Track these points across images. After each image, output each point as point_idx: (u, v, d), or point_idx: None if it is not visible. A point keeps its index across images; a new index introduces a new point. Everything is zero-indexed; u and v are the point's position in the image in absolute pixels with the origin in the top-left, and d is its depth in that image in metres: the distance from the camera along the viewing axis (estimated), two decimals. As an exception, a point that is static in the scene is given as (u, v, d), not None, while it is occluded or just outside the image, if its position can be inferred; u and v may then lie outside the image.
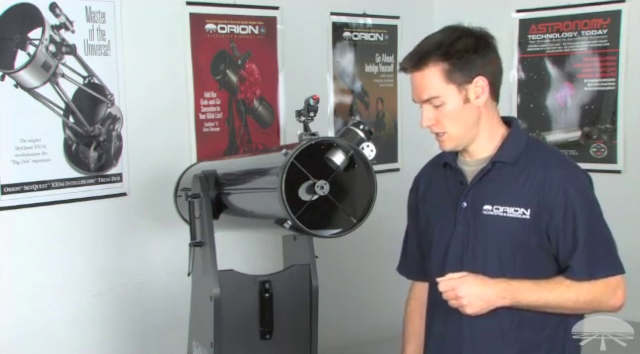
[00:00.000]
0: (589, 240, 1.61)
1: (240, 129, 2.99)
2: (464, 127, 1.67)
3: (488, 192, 1.68)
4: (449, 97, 1.64)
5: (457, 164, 1.75)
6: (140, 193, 2.71)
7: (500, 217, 1.65)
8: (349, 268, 3.30)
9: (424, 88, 1.66)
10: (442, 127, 1.67)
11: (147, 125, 2.72)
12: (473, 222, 1.68)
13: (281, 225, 1.69)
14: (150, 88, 2.73)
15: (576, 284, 1.61)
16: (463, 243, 1.69)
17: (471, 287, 1.60)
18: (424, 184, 1.86)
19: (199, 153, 2.84)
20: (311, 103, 1.77)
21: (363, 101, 3.45)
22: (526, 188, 1.64)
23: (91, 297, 2.63)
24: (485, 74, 1.65)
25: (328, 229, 1.70)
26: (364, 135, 1.70)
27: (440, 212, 1.76)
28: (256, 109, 3.04)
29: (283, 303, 1.96)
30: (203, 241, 1.97)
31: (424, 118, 1.68)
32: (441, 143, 1.71)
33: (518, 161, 1.67)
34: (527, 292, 1.60)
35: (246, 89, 3.00)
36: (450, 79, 1.63)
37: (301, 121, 1.79)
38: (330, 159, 1.68)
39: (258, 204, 1.90)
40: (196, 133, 2.86)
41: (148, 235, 2.76)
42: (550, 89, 3.37)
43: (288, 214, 1.63)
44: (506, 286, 1.61)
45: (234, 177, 2.09)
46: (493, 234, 1.65)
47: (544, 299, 1.60)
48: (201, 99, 2.87)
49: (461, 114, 1.66)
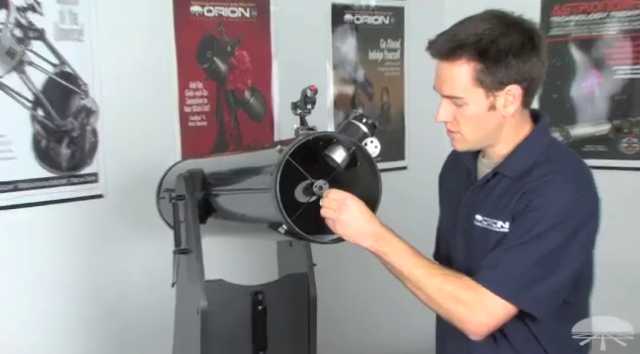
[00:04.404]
0: (513, 252, 1.61)
1: (230, 123, 3.01)
2: (481, 133, 1.69)
3: (482, 201, 1.73)
4: (473, 100, 1.64)
5: (472, 161, 1.79)
6: (118, 195, 2.73)
7: (485, 230, 1.70)
8: (351, 277, 3.33)
9: (448, 83, 1.66)
10: (457, 127, 1.69)
11: (125, 119, 2.74)
12: (467, 228, 1.75)
13: (275, 230, 1.71)
14: (129, 78, 2.74)
15: (450, 274, 1.65)
16: (457, 245, 1.78)
17: (352, 216, 1.64)
18: (445, 174, 1.95)
19: (184, 150, 2.86)
20: (308, 94, 1.78)
21: (366, 92, 3.48)
22: (514, 203, 1.66)
23: (63, 311, 2.64)
24: (521, 82, 1.64)
25: (327, 234, 1.72)
26: (367, 129, 1.72)
27: (450, 207, 1.84)
28: (247, 101, 3.06)
29: (278, 316, 1.98)
30: (189, 248, 1.98)
31: (441, 113, 1.70)
32: (453, 141, 1.74)
33: (523, 176, 1.66)
34: (398, 254, 1.65)
35: (236, 79, 3.02)
36: (480, 82, 1.63)
37: (297, 114, 1.81)
38: (330, 156, 1.70)
39: (250, 206, 1.91)
40: (181, 128, 2.87)
41: (127, 241, 2.77)
42: (575, 77, 3.38)
43: (283, 217, 1.64)
44: (384, 234, 1.66)
45: (223, 177, 2.11)
46: (478, 245, 1.71)
47: (409, 269, 1.64)
48: (186, 90, 2.89)
49: (482, 120, 1.67)
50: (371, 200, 1.70)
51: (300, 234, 1.67)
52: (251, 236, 2.36)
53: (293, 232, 1.67)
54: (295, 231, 1.66)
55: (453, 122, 1.69)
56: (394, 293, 1.97)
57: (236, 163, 2.15)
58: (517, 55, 1.61)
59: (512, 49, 1.61)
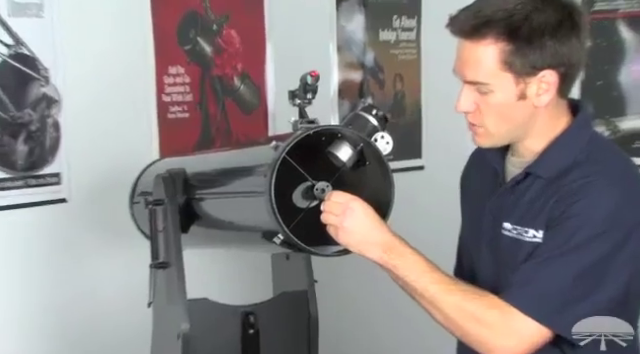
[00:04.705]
0: (548, 266, 1.63)
1: (216, 115, 3.04)
2: (508, 127, 1.72)
3: (511, 207, 1.75)
4: (500, 87, 1.66)
5: (499, 159, 1.82)
6: (85, 199, 2.74)
7: (515, 240, 1.72)
8: (358, 295, 3.35)
9: (472, 66, 1.67)
10: (480, 119, 1.71)
11: (93, 110, 2.75)
12: (493, 238, 1.78)
13: (270, 240, 1.73)
14: (97, 61, 2.76)
15: (471, 291, 1.67)
16: (482, 257, 1.81)
17: (357, 222, 1.68)
18: (468, 175, 1.98)
19: (162, 146, 2.88)
20: (309, 81, 1.81)
21: (376, 78, 3.51)
22: (548, 208, 1.68)
23: (22, 335, 2.63)
24: (558, 67, 1.65)
25: (330, 245, 1.75)
26: (377, 123, 1.75)
27: (474, 214, 1.87)
28: (237, 89, 3.09)
29: (272, 341, 2.01)
30: (168, 261, 2.01)
31: (461, 102, 1.72)
32: (475, 136, 1.76)
33: (560, 178, 1.68)
34: (411, 267, 1.68)
35: (223, 63, 3.04)
36: (508, 66, 1.64)
37: (296, 105, 1.84)
38: (333, 154, 1.74)
39: (240, 213, 1.94)
40: (158, 120, 2.90)
41: (96, 254, 2.79)
42: (624, 61, 3.39)
43: (279, 225, 1.67)
44: (394, 244, 1.69)
45: (209, 178, 2.14)
46: (507, 258, 1.73)
47: (424, 285, 1.66)
48: (164, 76, 2.91)
49: (509, 111, 1.69)
50: (381, 205, 1.74)
51: (299, 245, 1.69)
52: (241, 247, 2.39)
53: (290, 243, 1.69)
54: (293, 241, 1.69)
55: (475, 113, 1.71)
56: (406, 312, 1.99)
57: (224, 162, 2.18)
58: (553, 35, 1.63)
59: (548, 27, 1.62)
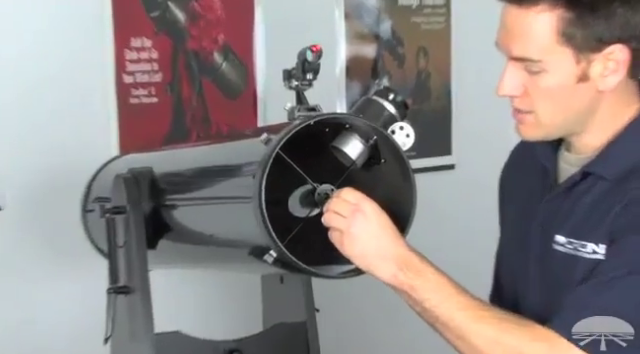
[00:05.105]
0: (612, 288, 1.64)
1: (191, 100, 3.05)
2: (564, 116, 1.72)
3: (566, 215, 1.75)
4: (556, 66, 1.67)
5: (551, 156, 1.82)
6: (23, 206, 2.75)
7: (570, 256, 1.72)
8: (371, 327, 3.37)
9: (520, 39, 1.68)
10: (530, 104, 1.72)
11: (33, 94, 2.76)
12: (542, 254, 1.78)
13: (260, 258, 1.72)
14: (37, 31, 2.76)
15: (508, 319, 1.68)
16: (529, 278, 1.81)
17: (368, 228, 1.68)
18: (509, 176, 1.98)
19: (123, 140, 2.89)
20: (309, 58, 1.81)
21: (395, 54, 3.51)
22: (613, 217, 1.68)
23: None
24: (629, 41, 1.66)
25: (336, 264, 1.75)
26: (395, 110, 1.75)
27: (517, 223, 1.87)
28: (218, 67, 3.10)
29: None
30: (131, 285, 2.02)
31: (505, 83, 1.72)
32: (520, 127, 1.76)
33: (628, 179, 1.69)
34: (433, 289, 1.68)
35: (201, 34, 3.05)
36: (567, 38, 1.65)
37: (292, 87, 1.84)
38: (340, 150, 1.74)
39: (222, 224, 1.94)
40: (118, 107, 2.90)
41: (37, 274, 2.79)
42: None
43: (271, 239, 1.67)
44: (412, 261, 1.69)
45: (182, 179, 2.15)
46: (559, 278, 1.74)
47: (448, 312, 1.67)
48: (126, 49, 2.92)
49: (567, 95, 1.70)
50: (400, 215, 1.73)
51: (296, 264, 1.69)
52: (223, 267, 2.39)
53: (285, 261, 1.69)
54: (288, 260, 1.68)
55: (523, 97, 1.72)
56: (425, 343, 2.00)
57: (202, 159, 2.18)
58: (625, 0, 1.64)
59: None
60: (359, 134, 1.74)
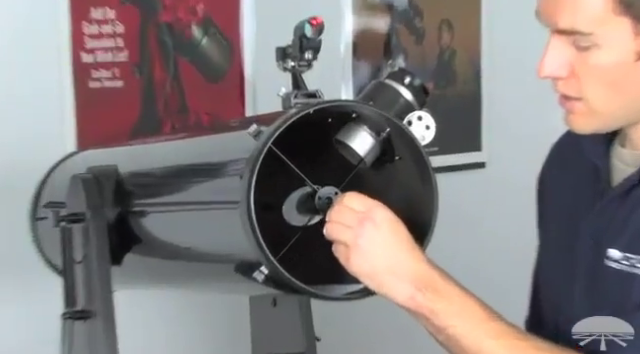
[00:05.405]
0: None
1: (165, 84, 3.07)
2: (621, 101, 1.74)
3: (622, 224, 1.76)
4: (611, 40, 1.68)
5: (602, 152, 1.84)
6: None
7: (626, 274, 1.73)
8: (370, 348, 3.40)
9: (567, 7, 1.69)
10: (577, 88, 1.73)
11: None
12: (593, 271, 1.79)
13: (248, 275, 1.74)
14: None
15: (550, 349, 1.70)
16: (575, 300, 1.82)
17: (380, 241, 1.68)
18: (551, 174, 2.00)
19: (82, 132, 2.92)
20: (307, 34, 1.81)
21: (411, 27, 3.53)
22: None
23: None
24: None
25: (340, 284, 1.76)
26: (413, 97, 1.76)
27: (561, 233, 1.89)
28: (197, 44, 3.12)
29: None
30: (91, 309, 2.02)
31: (548, 62, 1.73)
32: (570, 117, 1.77)
33: None
34: (458, 314, 1.68)
35: (176, 3, 3.07)
36: (626, 6, 1.66)
37: (288, 69, 1.85)
38: (346, 145, 1.75)
39: (202, 234, 1.95)
40: (75, 92, 2.92)
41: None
42: None
43: (262, 253, 1.67)
44: (433, 279, 1.69)
45: (154, 180, 2.16)
46: (612, 299, 1.75)
47: (477, 341, 1.68)
48: (84, 22, 2.93)
49: (624, 76, 1.71)
50: (418, 222, 1.74)
51: (291, 283, 1.70)
52: (204, 287, 2.40)
53: (279, 279, 1.70)
54: (283, 278, 1.69)
55: (570, 79, 1.73)
56: None
57: (177, 156, 2.18)
58: None
59: None
60: (368, 126, 1.74)
